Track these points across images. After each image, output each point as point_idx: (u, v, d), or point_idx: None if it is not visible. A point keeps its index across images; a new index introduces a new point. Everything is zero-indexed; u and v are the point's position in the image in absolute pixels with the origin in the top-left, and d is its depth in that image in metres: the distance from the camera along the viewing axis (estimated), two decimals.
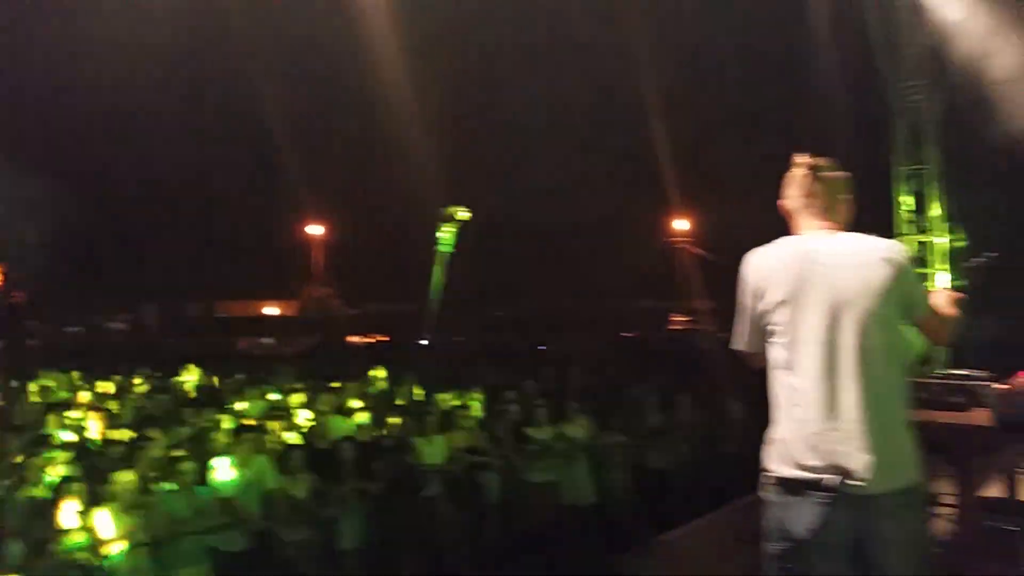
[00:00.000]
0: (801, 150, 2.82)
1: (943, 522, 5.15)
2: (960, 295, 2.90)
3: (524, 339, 20.41)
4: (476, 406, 8.28)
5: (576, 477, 7.52)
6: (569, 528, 6.04)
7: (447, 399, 8.49)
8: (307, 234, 31.90)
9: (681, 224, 32.59)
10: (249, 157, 29.02)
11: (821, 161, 2.75)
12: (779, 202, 2.82)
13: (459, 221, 2.94)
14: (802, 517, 2.46)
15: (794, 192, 2.75)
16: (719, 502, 6.32)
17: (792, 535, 2.48)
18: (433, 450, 6.84)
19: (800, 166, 2.75)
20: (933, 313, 2.72)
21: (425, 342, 10.58)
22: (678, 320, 31.21)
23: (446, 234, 2.88)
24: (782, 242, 2.69)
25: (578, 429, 7.78)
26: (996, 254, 5.52)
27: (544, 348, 18.54)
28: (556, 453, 7.47)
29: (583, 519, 6.88)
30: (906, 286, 2.56)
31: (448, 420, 7.45)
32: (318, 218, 31.65)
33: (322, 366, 12.34)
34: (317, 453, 6.54)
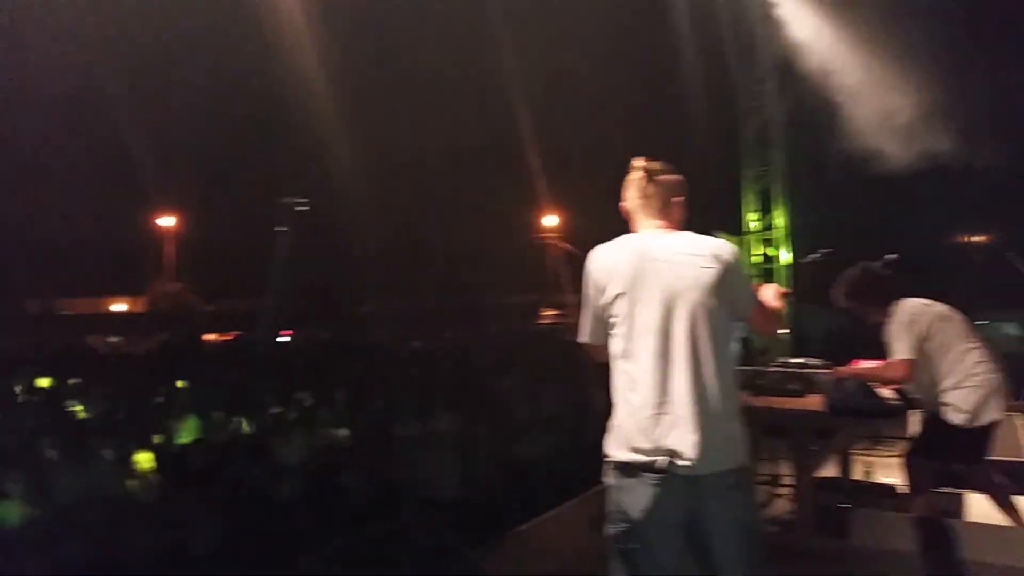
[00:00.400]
0: (660, 151, 2.95)
1: (782, 501, 5.49)
2: (785, 290, 3.10)
3: (392, 334, 20.16)
4: (341, 404, 8.10)
5: (441, 472, 7.49)
6: (431, 524, 5.99)
7: (308, 397, 8.25)
8: (159, 227, 30.22)
9: (550, 220, 33.28)
10: (99, 146, 27.22)
11: (655, 164, 2.91)
12: (620, 203, 2.96)
13: (297, 213, 2.82)
14: (637, 499, 2.57)
15: (632, 194, 2.91)
16: (580, 491, 6.45)
17: (629, 517, 2.59)
18: (291, 450, 6.61)
19: (636, 169, 2.90)
20: (760, 307, 2.93)
21: (286, 339, 10.23)
22: (547, 314, 31.86)
23: (284, 227, 2.76)
24: (622, 240, 2.84)
25: (444, 424, 7.76)
26: (831, 250, 5.94)
27: (412, 343, 18.39)
28: (421, 449, 7.42)
29: (446, 514, 6.85)
30: (733, 282, 2.73)
31: (309, 418, 7.24)
32: (171, 210, 30.04)
33: (174, 365, 11.70)
34: (166, 456, 6.20)
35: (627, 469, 2.61)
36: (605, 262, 2.77)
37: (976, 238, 33.00)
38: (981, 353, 4.25)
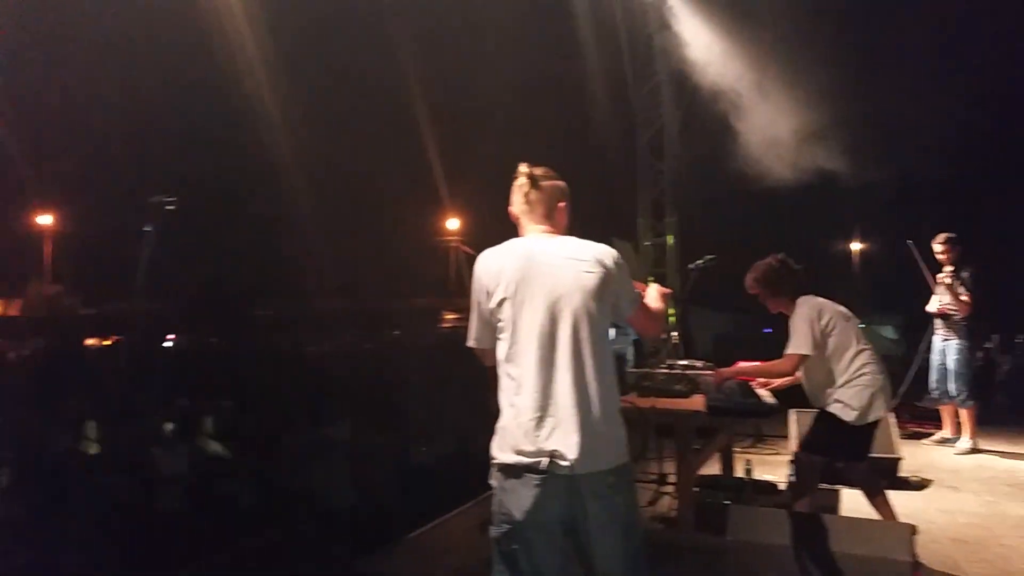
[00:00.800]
0: (561, 157, 2.99)
1: (668, 499, 5.63)
2: (668, 290, 3.18)
3: (286, 339, 19.60)
4: (226, 411, 7.80)
5: (334, 480, 7.34)
6: (322, 533, 5.86)
7: (191, 404, 7.90)
8: (36, 224, 28.44)
9: (452, 223, 33.27)
10: None
11: (539, 170, 2.94)
12: (508, 208, 2.99)
13: (165, 212, 2.72)
14: (520, 500, 2.60)
15: (517, 199, 2.94)
16: (477, 495, 6.44)
17: (512, 518, 2.62)
18: (172, 460, 6.33)
19: (521, 175, 2.92)
20: (643, 309, 3.01)
21: (169, 343, 9.78)
22: (449, 318, 31.77)
23: (151, 227, 2.66)
24: (508, 244, 2.86)
25: (339, 430, 7.61)
26: (714, 256, 6.16)
27: (307, 348, 17.93)
28: (313, 456, 7.24)
29: (339, 522, 6.71)
30: (615, 286, 2.80)
31: (193, 426, 6.95)
32: (48, 207, 28.34)
33: (49, 372, 10.99)
34: (36, 468, 5.81)
35: (510, 470, 2.64)
36: (491, 266, 2.79)
37: (855, 246, 35.04)
38: (870, 355, 4.51)
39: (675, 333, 6.10)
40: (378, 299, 28.88)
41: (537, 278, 2.72)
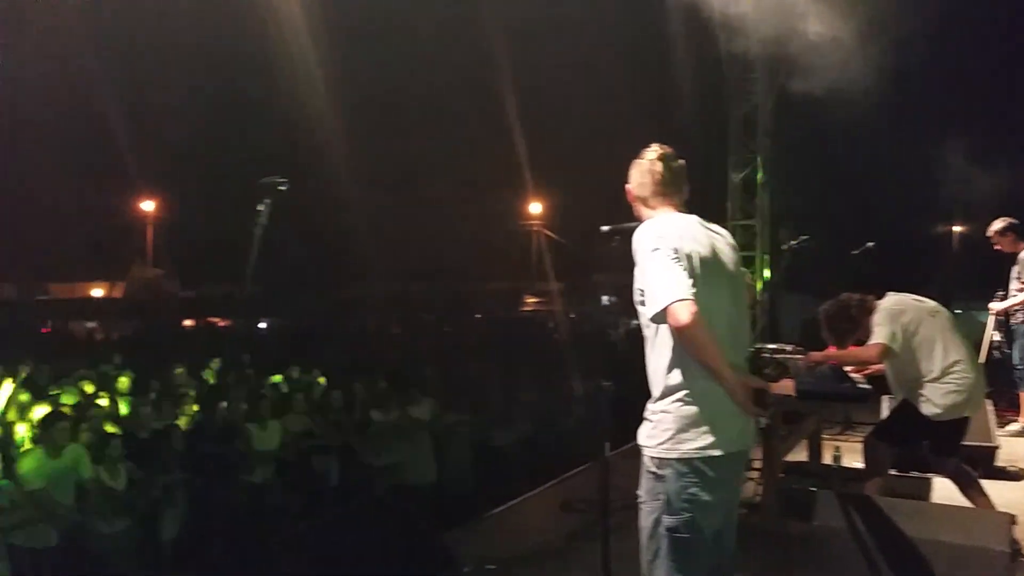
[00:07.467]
0: (647, 140, 2.92)
1: (752, 484, 5.52)
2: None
3: (374, 320, 20.11)
4: (317, 389, 8.07)
5: (418, 457, 7.50)
6: (403, 507, 6.00)
7: (284, 383, 8.21)
8: (139, 211, 29.90)
9: (535, 208, 33.25)
10: (80, 132, 26.88)
11: (669, 149, 2.86)
12: (627, 188, 2.90)
13: (276, 193, 2.80)
14: (724, 487, 2.57)
15: (645, 179, 2.83)
16: (554, 476, 6.48)
17: (710, 506, 2.54)
18: (266, 435, 6.59)
19: (651, 154, 2.85)
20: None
21: (263, 325, 10.17)
22: (529, 301, 31.89)
23: (263, 208, 2.75)
24: (673, 218, 2.73)
25: (422, 410, 7.75)
26: (808, 236, 5.98)
27: (394, 330, 18.36)
28: (398, 434, 7.41)
29: (422, 498, 6.87)
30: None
31: (285, 404, 7.21)
32: (151, 194, 29.73)
33: (150, 351, 11.62)
34: (138, 441, 6.16)
35: (721, 460, 2.52)
36: (683, 235, 2.61)
37: (955, 228, 33.34)
38: (962, 351, 4.33)
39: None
40: (460, 282, 29.23)
41: (716, 256, 2.66)
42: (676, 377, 2.52)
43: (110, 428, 6.38)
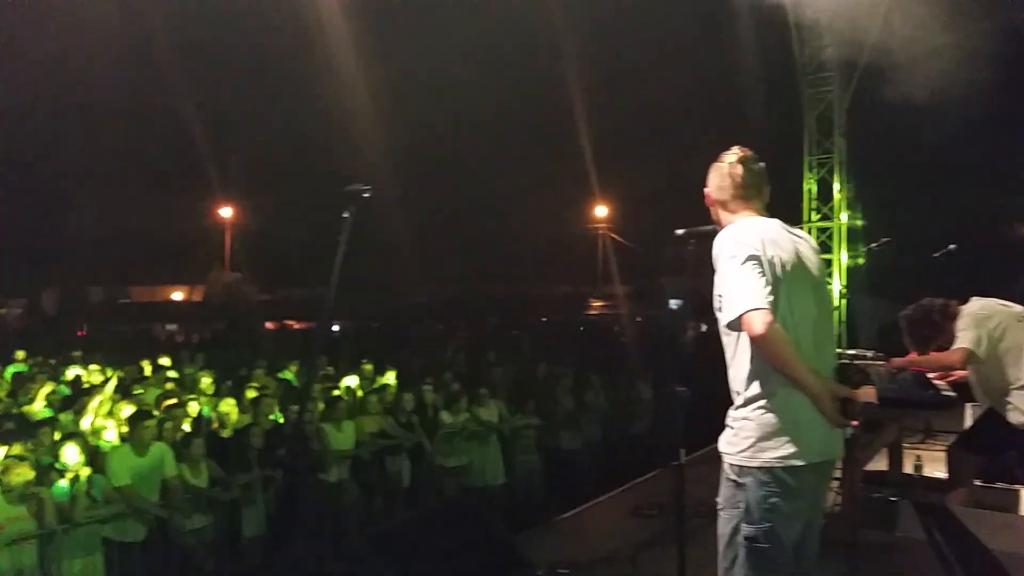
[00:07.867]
0: (718, 144, 2.88)
1: (831, 494, 5.39)
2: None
3: (441, 323, 20.33)
4: (389, 391, 8.20)
5: (487, 459, 7.57)
6: (476, 510, 6.07)
7: (358, 384, 8.38)
8: (218, 216, 30.92)
9: (601, 211, 33.11)
10: (159, 138, 28.02)
11: (749, 152, 2.81)
12: (705, 191, 2.85)
13: (361, 200, 2.87)
14: (810, 496, 2.58)
15: (724, 183, 2.78)
16: (625, 481, 6.45)
17: (792, 517, 2.52)
18: (342, 436, 6.74)
19: (731, 157, 2.79)
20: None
21: (336, 328, 10.39)
22: (596, 305, 31.74)
23: (348, 215, 2.82)
24: (755, 222, 2.68)
25: (491, 412, 7.81)
26: (889, 239, 5.83)
27: (462, 333, 18.52)
28: (468, 437, 7.49)
29: (492, 500, 6.93)
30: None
31: (359, 406, 7.36)
32: (230, 200, 30.72)
33: (230, 353, 12.00)
34: (219, 440, 6.37)
35: (807, 470, 2.49)
36: (767, 239, 2.58)
37: None
38: None
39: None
40: (527, 285, 29.32)
41: (800, 260, 2.60)
42: (757, 385, 2.49)
43: (192, 427, 6.64)
